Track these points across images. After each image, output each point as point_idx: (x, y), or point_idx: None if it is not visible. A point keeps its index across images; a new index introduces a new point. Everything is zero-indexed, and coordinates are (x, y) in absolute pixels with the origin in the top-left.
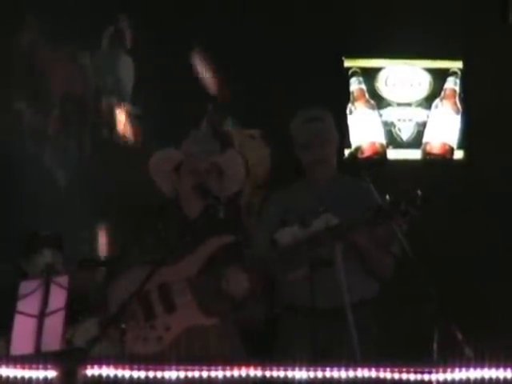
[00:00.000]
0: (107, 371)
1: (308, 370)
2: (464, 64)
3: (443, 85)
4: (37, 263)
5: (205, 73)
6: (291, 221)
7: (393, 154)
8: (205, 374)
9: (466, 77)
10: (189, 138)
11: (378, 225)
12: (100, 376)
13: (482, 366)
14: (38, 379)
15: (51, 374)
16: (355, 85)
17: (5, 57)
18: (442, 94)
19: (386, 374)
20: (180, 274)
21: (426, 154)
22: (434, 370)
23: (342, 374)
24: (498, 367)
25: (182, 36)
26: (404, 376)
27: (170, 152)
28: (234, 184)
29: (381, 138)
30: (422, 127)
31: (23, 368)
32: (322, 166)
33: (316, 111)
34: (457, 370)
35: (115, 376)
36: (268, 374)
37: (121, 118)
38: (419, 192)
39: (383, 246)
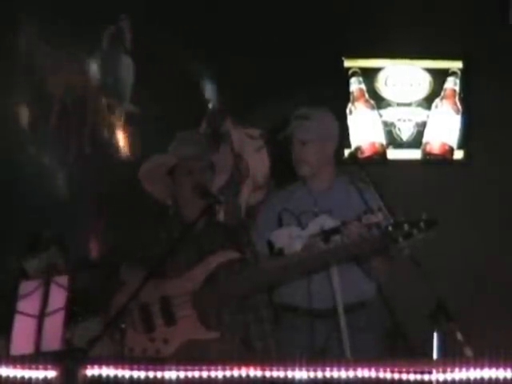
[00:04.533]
0: (107, 371)
1: (308, 370)
2: (464, 64)
3: (443, 85)
4: (39, 263)
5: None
6: (288, 221)
7: (393, 154)
8: (205, 374)
9: (465, 77)
10: (176, 140)
11: (382, 247)
12: (100, 376)
13: (482, 366)
14: (37, 379)
15: (51, 373)
16: (355, 85)
17: (5, 57)
18: (442, 94)
19: (386, 374)
20: (182, 287)
21: (425, 153)
22: (433, 370)
23: (342, 373)
24: (497, 367)
25: (182, 36)
26: (404, 376)
27: (161, 157)
28: (223, 174)
29: (381, 138)
30: (421, 127)
31: (23, 368)
32: (301, 165)
33: (306, 110)
34: (457, 369)
35: (115, 376)
36: (268, 373)
37: (120, 117)
38: (424, 215)
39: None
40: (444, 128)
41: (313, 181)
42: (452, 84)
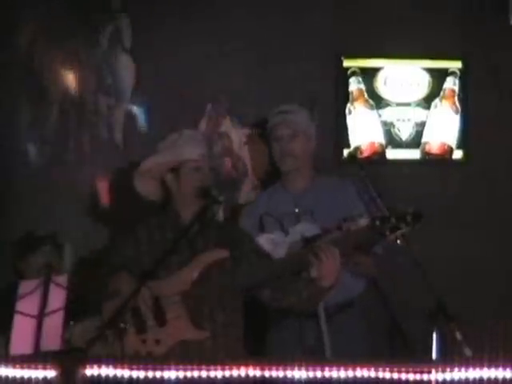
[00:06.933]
0: (107, 371)
1: (307, 370)
2: (463, 64)
3: (442, 85)
4: (34, 263)
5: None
6: (270, 226)
7: (392, 153)
8: (204, 374)
9: (465, 77)
10: (182, 138)
11: (370, 242)
12: (99, 376)
13: (482, 366)
14: (37, 379)
15: (51, 373)
16: (354, 85)
17: (5, 57)
18: (441, 93)
19: (386, 374)
20: (173, 288)
21: (425, 153)
22: (433, 370)
23: (342, 373)
24: (497, 367)
25: (182, 35)
26: (403, 376)
27: (166, 155)
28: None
29: (380, 138)
30: (421, 127)
31: (23, 368)
32: (287, 159)
33: (289, 105)
34: (456, 369)
35: (115, 376)
36: (267, 373)
37: (120, 118)
38: (410, 209)
39: (363, 247)
40: (443, 128)
41: (292, 180)
42: (451, 84)
